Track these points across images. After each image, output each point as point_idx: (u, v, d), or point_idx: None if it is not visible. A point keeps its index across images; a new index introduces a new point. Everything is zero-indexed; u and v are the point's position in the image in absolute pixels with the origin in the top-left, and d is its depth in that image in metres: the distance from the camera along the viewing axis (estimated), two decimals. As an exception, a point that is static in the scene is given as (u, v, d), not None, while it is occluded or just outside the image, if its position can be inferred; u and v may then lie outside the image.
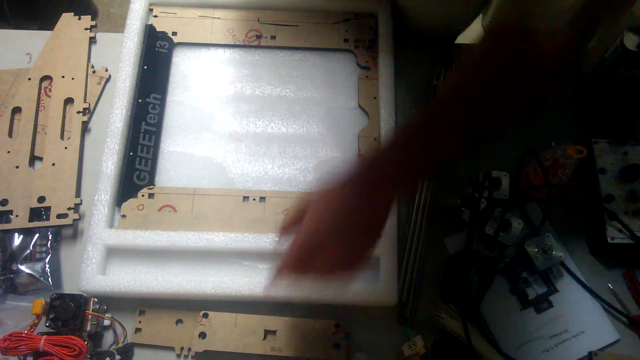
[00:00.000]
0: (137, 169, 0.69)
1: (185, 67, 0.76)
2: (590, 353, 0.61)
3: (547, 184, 0.66)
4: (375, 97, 0.73)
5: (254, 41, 0.76)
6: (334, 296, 0.62)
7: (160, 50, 0.76)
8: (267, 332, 0.62)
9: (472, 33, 0.81)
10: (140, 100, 0.72)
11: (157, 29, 0.77)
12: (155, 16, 0.77)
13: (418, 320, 0.65)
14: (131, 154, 0.70)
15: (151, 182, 0.69)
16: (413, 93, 0.76)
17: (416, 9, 0.75)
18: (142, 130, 0.71)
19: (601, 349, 0.63)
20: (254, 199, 0.68)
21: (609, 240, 0.64)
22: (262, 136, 0.72)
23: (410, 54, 0.79)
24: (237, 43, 0.76)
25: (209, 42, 0.77)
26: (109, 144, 0.69)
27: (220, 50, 0.77)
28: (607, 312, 0.65)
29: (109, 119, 0.70)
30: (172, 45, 0.76)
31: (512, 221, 0.65)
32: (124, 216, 0.67)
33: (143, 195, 0.68)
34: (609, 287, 0.66)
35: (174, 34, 0.77)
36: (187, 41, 0.77)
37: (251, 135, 0.72)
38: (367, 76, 0.74)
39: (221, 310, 0.63)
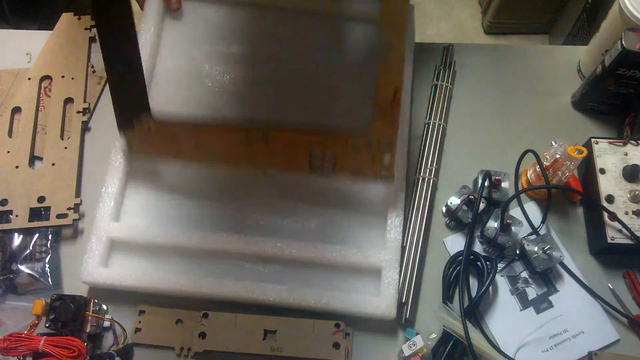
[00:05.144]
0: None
1: None
2: (590, 353, 0.61)
3: (547, 184, 0.66)
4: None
5: None
6: (334, 306, 0.62)
7: None
8: (266, 332, 0.62)
9: (471, 33, 0.81)
10: None
11: None
12: None
13: (418, 320, 0.65)
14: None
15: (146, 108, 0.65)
16: (413, 93, 0.76)
17: None
18: None
19: (601, 349, 0.63)
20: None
21: (609, 240, 0.64)
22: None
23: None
24: None
25: None
26: None
27: None
28: (607, 312, 0.65)
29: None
30: None
31: (512, 221, 0.65)
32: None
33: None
34: (609, 287, 0.66)
35: None
36: None
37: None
38: None
39: (221, 310, 0.63)
